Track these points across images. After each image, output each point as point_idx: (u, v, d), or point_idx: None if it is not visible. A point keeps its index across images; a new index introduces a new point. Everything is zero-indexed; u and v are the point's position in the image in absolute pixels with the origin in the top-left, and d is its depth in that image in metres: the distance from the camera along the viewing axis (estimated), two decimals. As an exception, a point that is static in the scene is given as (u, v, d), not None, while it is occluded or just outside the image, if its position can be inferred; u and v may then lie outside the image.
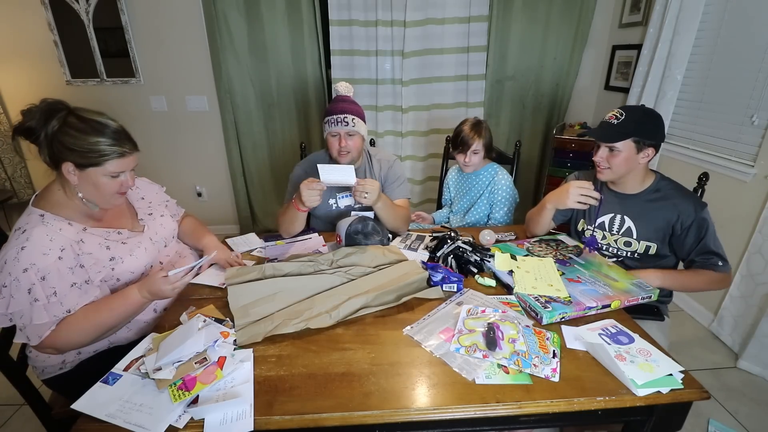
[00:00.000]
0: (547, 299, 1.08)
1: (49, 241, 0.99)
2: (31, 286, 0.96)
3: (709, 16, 2.13)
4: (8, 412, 1.69)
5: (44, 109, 0.99)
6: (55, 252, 1.00)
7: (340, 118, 1.46)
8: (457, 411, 0.81)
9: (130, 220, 1.23)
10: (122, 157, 1.05)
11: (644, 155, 1.26)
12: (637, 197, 1.34)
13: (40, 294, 0.96)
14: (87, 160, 1.01)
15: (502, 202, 1.80)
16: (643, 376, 0.85)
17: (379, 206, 1.43)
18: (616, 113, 1.26)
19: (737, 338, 1.99)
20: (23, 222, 1.02)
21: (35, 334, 0.98)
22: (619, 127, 1.24)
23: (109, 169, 1.04)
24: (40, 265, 0.97)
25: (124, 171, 1.08)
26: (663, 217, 1.29)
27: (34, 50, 2.76)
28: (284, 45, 2.80)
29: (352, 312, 1.08)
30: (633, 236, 1.35)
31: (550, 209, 1.42)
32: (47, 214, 1.04)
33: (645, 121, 1.25)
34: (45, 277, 0.97)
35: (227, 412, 0.79)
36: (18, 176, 3.01)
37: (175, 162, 3.13)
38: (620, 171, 1.29)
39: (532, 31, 2.86)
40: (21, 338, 0.99)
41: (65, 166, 1.01)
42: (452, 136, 1.82)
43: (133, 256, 1.14)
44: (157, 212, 1.31)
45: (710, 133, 2.14)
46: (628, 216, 1.35)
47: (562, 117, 3.13)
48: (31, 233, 0.98)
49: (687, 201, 1.27)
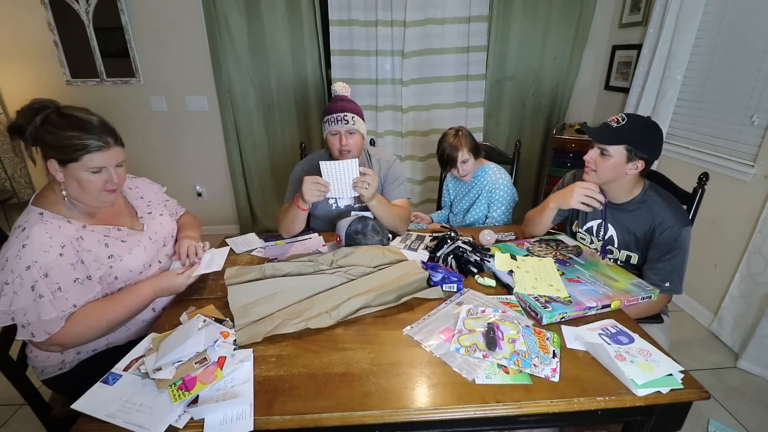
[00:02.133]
0: (547, 299, 1.08)
1: (49, 238, 1.00)
2: (35, 283, 0.96)
3: (709, 16, 2.13)
4: (8, 412, 1.69)
5: (33, 108, 1.01)
6: (56, 249, 1.00)
7: (340, 116, 1.46)
8: (457, 411, 0.81)
9: (129, 218, 1.23)
10: (100, 151, 1.02)
11: (633, 166, 1.24)
12: (622, 207, 1.33)
13: (44, 290, 0.96)
14: (65, 155, 1.01)
15: (500, 201, 1.80)
16: (643, 376, 0.85)
17: (373, 204, 1.43)
18: (618, 117, 1.25)
19: (737, 338, 1.99)
20: (23, 220, 1.02)
21: (42, 330, 0.98)
22: (616, 131, 1.23)
23: (88, 164, 1.02)
24: (42, 262, 0.97)
25: (106, 166, 1.05)
26: (642, 227, 1.28)
27: (34, 50, 2.76)
28: (284, 45, 2.80)
29: (352, 312, 1.08)
30: (614, 245, 1.35)
31: (553, 208, 1.41)
32: (46, 212, 1.04)
33: (643, 133, 1.23)
34: (48, 273, 0.98)
35: (227, 412, 0.79)
36: (18, 176, 3.01)
37: (175, 162, 3.13)
38: (605, 176, 1.27)
39: (532, 31, 2.86)
40: (24, 335, 0.99)
41: (50, 163, 1.02)
42: (438, 157, 1.82)
43: (132, 254, 1.14)
44: (156, 211, 1.31)
45: (710, 133, 2.14)
46: (612, 225, 1.35)
47: (562, 117, 3.13)
48: (31, 231, 0.98)
49: (670, 213, 1.24)
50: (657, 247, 1.26)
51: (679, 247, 1.23)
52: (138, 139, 2.95)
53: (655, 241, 1.26)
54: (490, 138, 3.11)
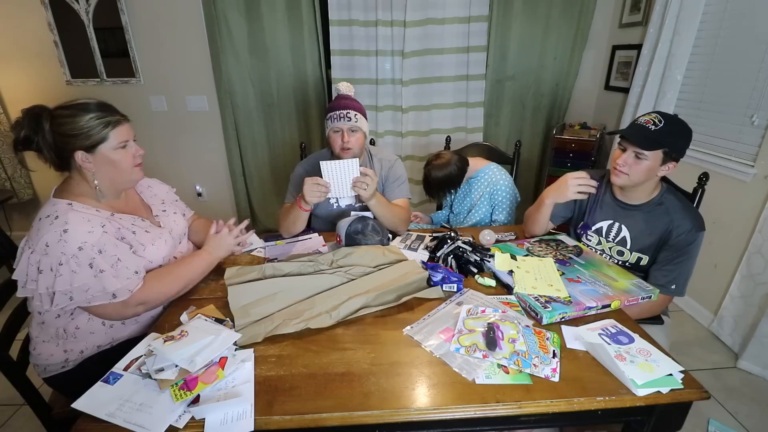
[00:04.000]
0: (547, 299, 1.08)
1: (87, 221, 1.02)
2: (92, 261, 0.99)
3: (709, 16, 2.13)
4: (8, 412, 1.69)
5: (29, 116, 1.01)
6: (98, 229, 1.03)
7: (343, 113, 1.46)
8: (457, 411, 0.81)
9: (148, 215, 1.26)
10: (120, 124, 1.08)
11: (666, 168, 1.21)
12: (639, 208, 1.31)
13: (103, 265, 1.00)
14: (92, 139, 1.03)
15: (503, 203, 1.80)
16: (643, 376, 0.85)
17: (373, 203, 1.43)
18: (654, 119, 1.19)
19: (737, 338, 1.99)
20: (50, 210, 1.02)
21: (125, 289, 1.04)
22: (656, 134, 1.17)
23: (116, 141, 1.06)
24: (92, 240, 1.00)
25: (129, 139, 1.10)
26: (658, 230, 1.27)
27: (34, 50, 2.76)
28: (284, 45, 2.80)
29: (352, 312, 1.08)
30: (627, 246, 1.34)
31: (549, 205, 1.40)
32: (74, 203, 1.05)
33: (681, 136, 1.19)
34: (101, 250, 1.01)
35: (228, 412, 0.79)
36: (18, 176, 3.00)
37: (175, 162, 3.13)
38: (637, 179, 1.24)
39: (532, 31, 2.86)
40: (102, 299, 1.02)
41: (77, 155, 1.03)
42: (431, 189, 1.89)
43: (154, 246, 1.16)
44: (170, 209, 1.34)
45: (710, 133, 2.14)
46: (626, 226, 1.34)
47: (562, 117, 3.14)
48: (67, 217, 1.00)
49: (688, 218, 1.23)
50: (670, 249, 1.25)
51: (692, 251, 1.23)
52: (138, 139, 2.90)
53: (670, 243, 1.25)
54: (490, 138, 3.11)
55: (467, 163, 1.86)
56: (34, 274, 0.98)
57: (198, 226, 1.46)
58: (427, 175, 1.85)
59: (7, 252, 1.26)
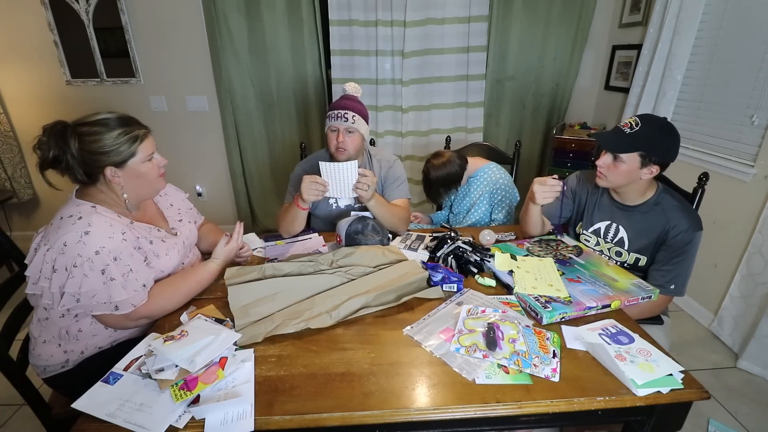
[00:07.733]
0: (547, 299, 1.08)
1: (110, 226, 1.02)
2: (105, 267, 0.99)
3: (709, 16, 2.13)
4: (8, 412, 1.69)
5: (54, 134, 0.99)
6: (118, 235, 1.03)
7: (341, 113, 1.46)
8: (457, 411, 0.81)
9: (164, 224, 1.26)
10: (147, 138, 1.09)
11: (647, 171, 1.21)
12: (635, 209, 1.31)
13: (115, 273, 1.00)
14: (122, 155, 1.04)
15: (503, 203, 1.80)
16: (643, 376, 0.85)
17: (372, 204, 1.43)
18: (632, 121, 1.20)
19: (737, 338, 1.99)
20: (73, 210, 1.02)
21: (129, 303, 1.03)
22: (630, 138, 1.19)
23: (143, 155, 1.07)
24: (110, 246, 1.00)
25: (154, 152, 1.11)
26: (655, 231, 1.27)
27: (34, 50, 2.76)
28: (284, 45, 2.80)
29: (352, 312, 1.08)
30: (624, 247, 1.34)
31: (533, 207, 1.41)
32: (98, 206, 1.06)
33: (659, 138, 1.19)
34: (117, 257, 1.01)
35: (228, 412, 0.79)
36: (18, 176, 3.00)
37: (175, 162, 3.12)
38: (616, 181, 1.26)
39: (532, 31, 2.86)
40: (104, 309, 1.02)
41: (108, 171, 1.03)
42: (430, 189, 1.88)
43: (168, 255, 1.16)
44: (185, 218, 1.34)
45: (710, 133, 2.14)
46: (623, 226, 1.34)
47: (562, 117, 3.14)
48: (91, 219, 1.00)
49: (685, 217, 1.23)
50: (668, 249, 1.25)
51: (690, 250, 1.23)
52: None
53: (667, 243, 1.25)
54: (490, 138, 3.11)
55: (467, 162, 1.86)
56: (48, 272, 0.98)
57: (204, 231, 1.46)
58: (426, 173, 1.85)
59: (7, 252, 1.26)
